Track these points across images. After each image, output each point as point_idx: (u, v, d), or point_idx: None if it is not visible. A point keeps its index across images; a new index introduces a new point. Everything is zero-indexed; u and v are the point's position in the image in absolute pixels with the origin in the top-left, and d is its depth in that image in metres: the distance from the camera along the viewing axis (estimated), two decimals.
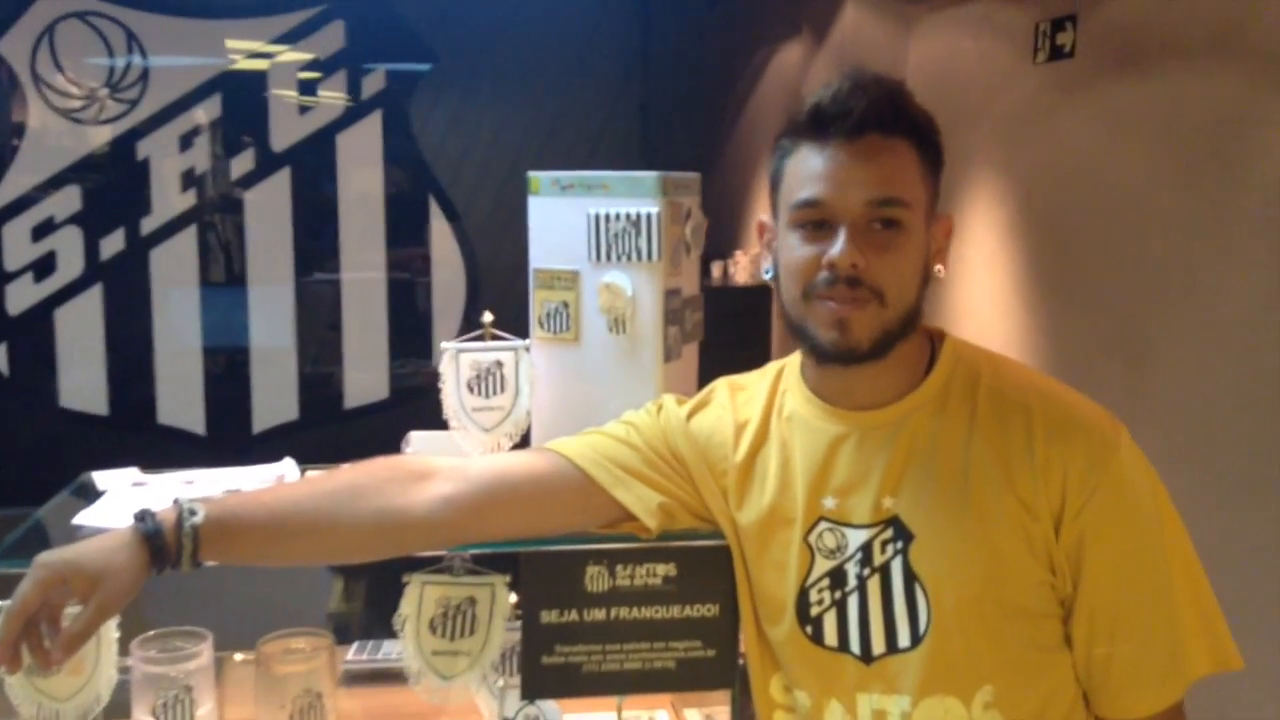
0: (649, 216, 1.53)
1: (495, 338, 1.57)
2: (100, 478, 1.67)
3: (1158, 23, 2.76)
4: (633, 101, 3.89)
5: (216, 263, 3.76)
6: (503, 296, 3.82)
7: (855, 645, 1.27)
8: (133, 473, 1.71)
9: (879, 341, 1.23)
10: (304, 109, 3.74)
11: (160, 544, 1.19)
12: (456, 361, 1.56)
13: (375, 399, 3.86)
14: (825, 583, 1.29)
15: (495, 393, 1.55)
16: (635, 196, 1.54)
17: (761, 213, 1.37)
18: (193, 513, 1.22)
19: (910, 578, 1.25)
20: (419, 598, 1.36)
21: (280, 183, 3.74)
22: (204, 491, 1.64)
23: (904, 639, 1.25)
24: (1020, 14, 3.39)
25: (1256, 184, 2.38)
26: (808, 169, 1.23)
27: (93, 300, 3.66)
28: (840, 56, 3.72)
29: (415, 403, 3.83)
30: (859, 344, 1.22)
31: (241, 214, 3.75)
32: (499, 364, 1.55)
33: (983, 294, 3.55)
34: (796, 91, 3.99)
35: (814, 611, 1.29)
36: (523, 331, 1.62)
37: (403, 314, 3.86)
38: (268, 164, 3.73)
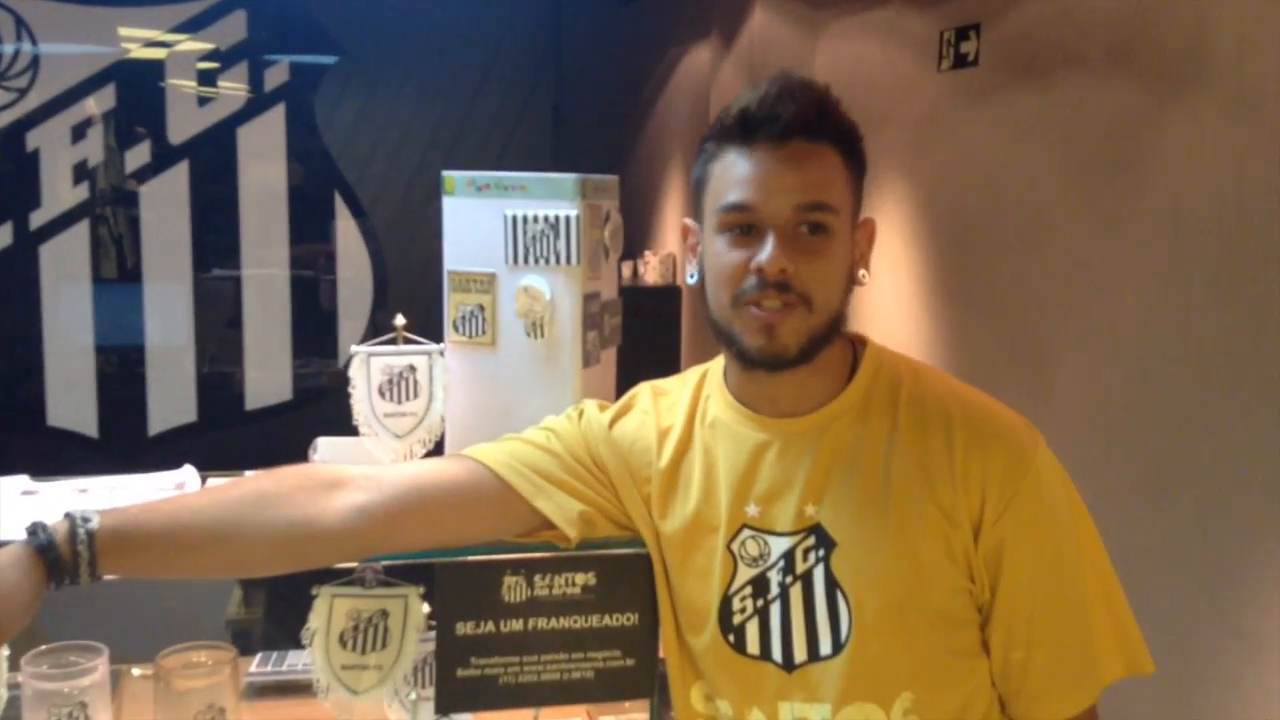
0: (568, 219, 1.50)
1: (408, 341, 1.53)
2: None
3: (1059, 34, 2.82)
4: (545, 100, 3.85)
5: (110, 258, 3.61)
6: (411, 296, 3.75)
7: (777, 654, 1.27)
8: (22, 480, 1.62)
9: (806, 347, 1.23)
10: (203, 100, 3.62)
11: (55, 557, 1.13)
12: (367, 365, 1.51)
13: (278, 400, 3.75)
14: (748, 590, 1.28)
15: (408, 398, 1.51)
16: (554, 198, 1.51)
17: (672, 213, 1.36)
18: (86, 520, 1.16)
19: (832, 585, 1.25)
20: (328, 610, 1.31)
21: (178, 176, 3.61)
22: (99, 500, 1.57)
23: (825, 647, 1.25)
24: (925, 22, 3.44)
25: (1152, 190, 2.45)
26: (734, 173, 1.22)
27: None
28: (749, 60, 3.74)
29: (319, 404, 3.74)
30: (786, 350, 1.22)
31: (137, 208, 3.61)
32: (412, 368, 1.51)
33: (887, 297, 3.60)
34: (705, 93, 4.00)
35: (736, 620, 1.29)
36: (432, 334, 1.58)
37: (306, 313, 3.76)
38: (165, 157, 3.60)
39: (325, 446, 1.58)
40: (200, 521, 1.22)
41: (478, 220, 1.54)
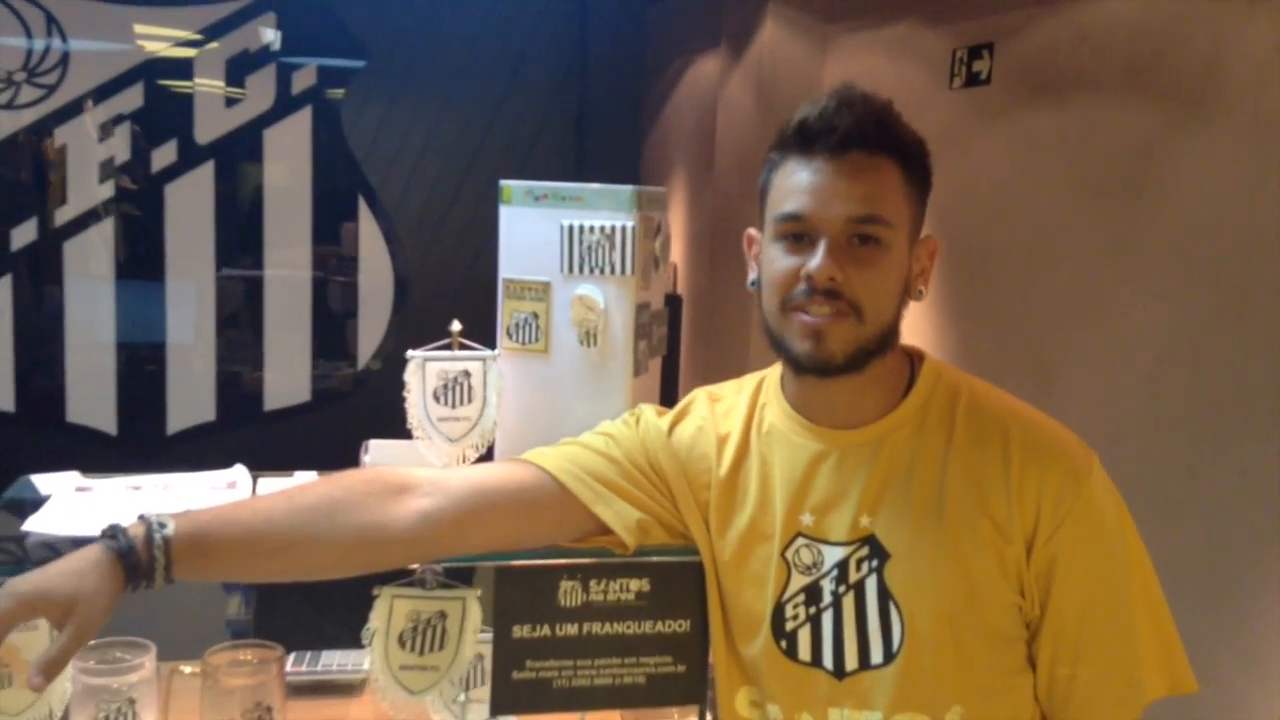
0: (624, 230, 1.52)
1: (463, 347, 1.55)
2: (41, 481, 1.61)
3: (1073, 55, 2.84)
4: (569, 107, 3.87)
5: (134, 256, 3.63)
6: (431, 301, 3.77)
7: (828, 661, 1.29)
8: (74, 476, 1.65)
9: (853, 355, 1.24)
10: (231, 102, 3.64)
11: (133, 562, 1.15)
12: (423, 370, 1.53)
13: (296, 401, 3.76)
14: (800, 598, 1.30)
15: (462, 403, 1.53)
16: (610, 210, 1.54)
17: (675, 222, 1.37)
18: (162, 526, 1.18)
19: (885, 596, 1.26)
20: (389, 611, 1.33)
21: (203, 176, 3.63)
22: (152, 497, 1.59)
23: (877, 656, 1.27)
24: (938, 40, 3.46)
25: (1165, 214, 2.47)
26: (792, 183, 1.24)
27: (1, 292, 3.51)
28: (758, 72, 3.75)
29: (338, 406, 3.75)
30: (833, 356, 1.23)
31: (162, 207, 3.62)
32: (467, 374, 1.53)
33: None
34: (712, 104, 4.01)
35: (789, 626, 1.30)
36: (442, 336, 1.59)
37: (327, 315, 3.78)
38: (191, 156, 3.62)
39: (377, 449, 1.60)
40: (274, 529, 1.24)
41: (534, 229, 1.57)
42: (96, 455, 3.46)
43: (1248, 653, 2.16)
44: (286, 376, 3.73)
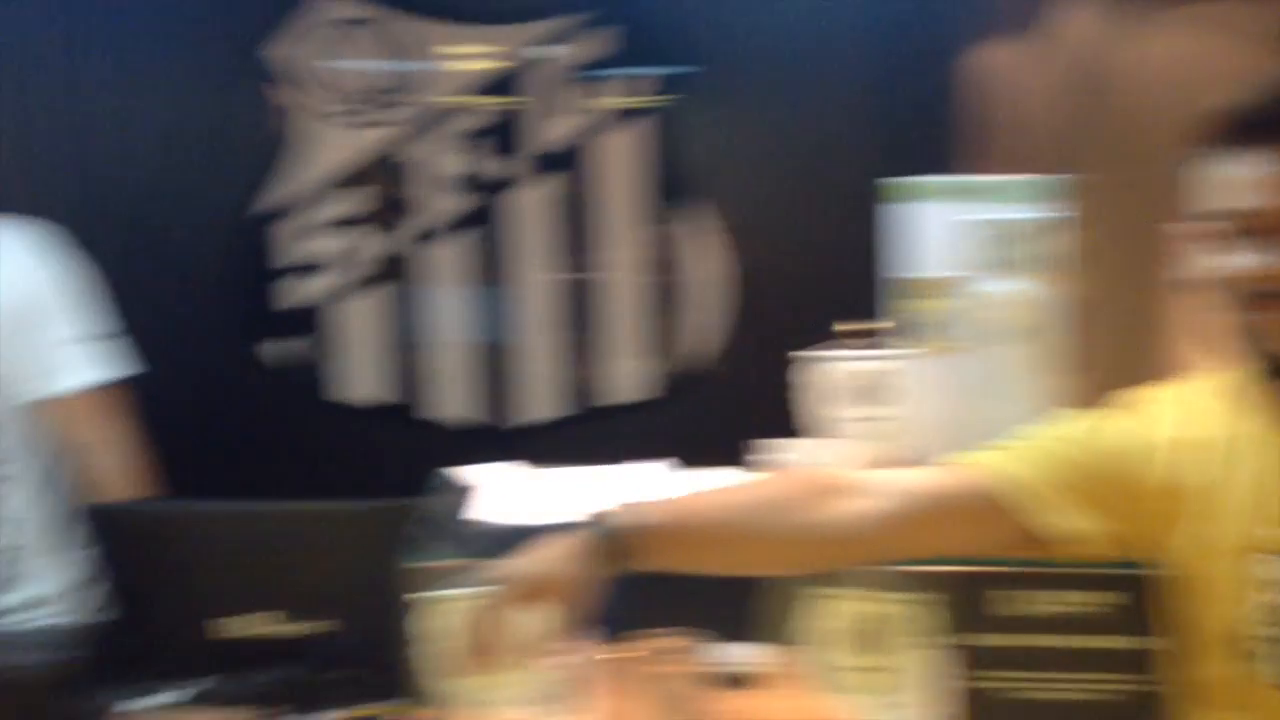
0: (1041, 223, 1.47)
1: (873, 346, 1.54)
2: (468, 473, 1.72)
3: None
4: (906, 100, 3.76)
5: (482, 264, 3.84)
6: (762, 297, 3.77)
7: None
8: (523, 467, 1.75)
9: None
10: (568, 112, 3.77)
11: (619, 547, 1.21)
12: (836, 370, 1.53)
13: (639, 397, 3.87)
14: (1268, 617, 1.21)
15: (881, 403, 1.52)
16: (1024, 201, 1.49)
17: None
18: (642, 514, 1.24)
19: None
20: (831, 612, 1.34)
21: (545, 186, 3.78)
22: (589, 485, 1.66)
23: None
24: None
25: None
26: (1239, 177, 1.16)
27: (370, 298, 3.79)
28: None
29: (671, 404, 3.81)
30: None
31: (504, 217, 3.81)
32: (882, 373, 1.52)
33: None
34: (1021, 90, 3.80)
35: (1254, 646, 1.22)
36: (779, 339, 1.56)
37: (659, 317, 3.86)
38: (534, 167, 3.78)
39: (789, 448, 1.61)
40: (729, 524, 1.27)
41: (937, 225, 1.53)
42: (456, 446, 3.68)
43: None
44: (628, 373, 3.83)
